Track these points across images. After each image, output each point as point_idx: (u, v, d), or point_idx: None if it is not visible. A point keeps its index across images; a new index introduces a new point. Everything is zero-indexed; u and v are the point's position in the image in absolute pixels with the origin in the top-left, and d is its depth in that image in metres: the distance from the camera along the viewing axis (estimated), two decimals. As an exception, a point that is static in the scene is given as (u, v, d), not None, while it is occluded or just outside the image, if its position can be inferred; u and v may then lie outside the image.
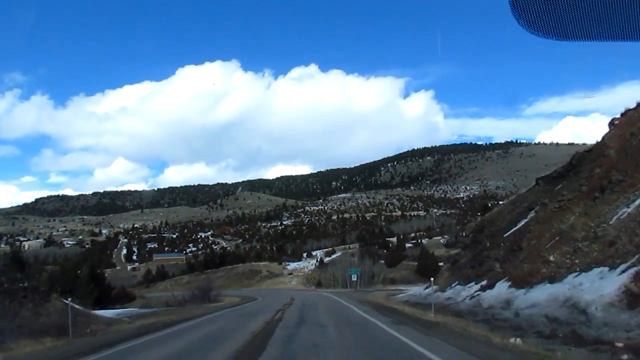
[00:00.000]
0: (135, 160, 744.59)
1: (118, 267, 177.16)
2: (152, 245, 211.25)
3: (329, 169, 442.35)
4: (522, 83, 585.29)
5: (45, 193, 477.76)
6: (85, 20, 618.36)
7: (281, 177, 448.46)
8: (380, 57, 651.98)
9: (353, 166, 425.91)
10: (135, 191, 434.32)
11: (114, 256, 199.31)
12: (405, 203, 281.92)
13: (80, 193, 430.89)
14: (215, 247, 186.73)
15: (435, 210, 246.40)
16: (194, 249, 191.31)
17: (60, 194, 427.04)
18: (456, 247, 50.47)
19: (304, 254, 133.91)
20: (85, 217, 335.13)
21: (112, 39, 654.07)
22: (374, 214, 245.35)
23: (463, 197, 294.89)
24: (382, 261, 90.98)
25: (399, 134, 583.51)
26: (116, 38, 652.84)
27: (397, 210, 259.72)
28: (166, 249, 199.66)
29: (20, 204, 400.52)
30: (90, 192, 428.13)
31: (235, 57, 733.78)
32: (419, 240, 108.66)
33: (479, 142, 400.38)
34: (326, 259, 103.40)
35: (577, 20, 3.38)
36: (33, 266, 44.62)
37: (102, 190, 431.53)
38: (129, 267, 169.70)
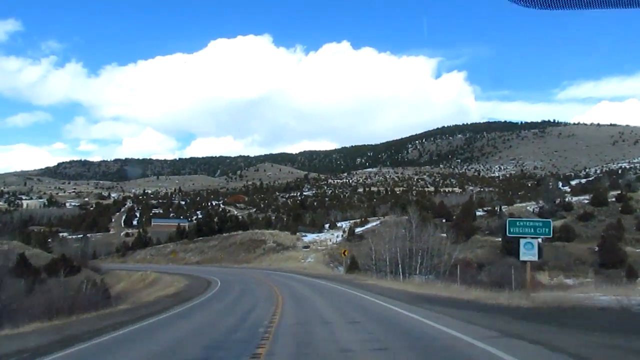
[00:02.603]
0: (164, 132, 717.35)
1: (112, 232, 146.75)
2: (158, 211, 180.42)
3: (354, 145, 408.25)
4: (555, 66, 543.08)
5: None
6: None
7: (304, 151, 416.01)
8: (414, 36, 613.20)
9: (379, 143, 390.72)
10: (157, 160, 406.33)
11: (113, 220, 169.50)
12: (437, 179, 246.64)
13: (101, 159, 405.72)
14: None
15: (472, 188, 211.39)
16: (200, 216, 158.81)
17: (83, 160, 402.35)
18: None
19: (326, 225, 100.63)
20: (101, 181, 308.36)
21: (147, 9, 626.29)
22: (403, 188, 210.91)
23: (499, 177, 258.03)
24: (444, 234, 56.95)
25: (428, 115, 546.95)
26: (151, 9, 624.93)
27: (428, 186, 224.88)
28: (171, 215, 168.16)
29: (43, 168, 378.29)
30: (112, 159, 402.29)
31: (268, 32, 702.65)
32: (496, 208, 73.69)
33: (515, 120, 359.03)
34: (358, 230, 70.34)
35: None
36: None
37: (123, 158, 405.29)
38: (122, 233, 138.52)
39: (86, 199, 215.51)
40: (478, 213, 72.23)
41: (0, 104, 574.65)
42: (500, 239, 55.99)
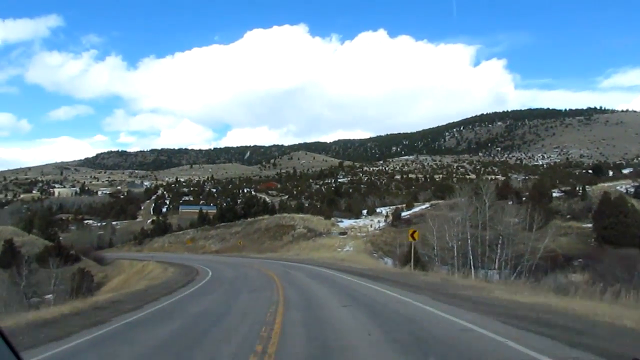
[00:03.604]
0: (201, 123, 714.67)
1: (139, 219, 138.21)
2: (188, 199, 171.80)
3: (389, 133, 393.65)
4: (599, 54, 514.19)
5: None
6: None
7: (339, 140, 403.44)
8: (451, 24, 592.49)
9: (415, 131, 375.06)
10: (192, 150, 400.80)
11: (142, 208, 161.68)
12: (478, 167, 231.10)
13: (138, 150, 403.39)
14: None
15: (515, 176, 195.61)
16: (231, 203, 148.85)
17: (120, 150, 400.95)
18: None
19: (364, 211, 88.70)
20: (136, 171, 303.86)
21: (184, 1, 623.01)
22: (443, 175, 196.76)
23: (543, 165, 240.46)
24: (514, 219, 44.21)
25: (465, 103, 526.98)
26: (188, 1, 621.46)
27: (469, 173, 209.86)
28: (201, 202, 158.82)
29: (82, 159, 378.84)
30: (149, 149, 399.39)
31: (304, 21, 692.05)
32: (577, 188, 59.93)
33: (557, 108, 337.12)
34: (404, 214, 58.28)
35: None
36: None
37: (159, 148, 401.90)
38: (149, 220, 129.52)
39: (118, 187, 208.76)
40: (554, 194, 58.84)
41: (44, 98, 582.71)
42: (590, 225, 43.10)
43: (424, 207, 61.83)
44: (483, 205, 35.72)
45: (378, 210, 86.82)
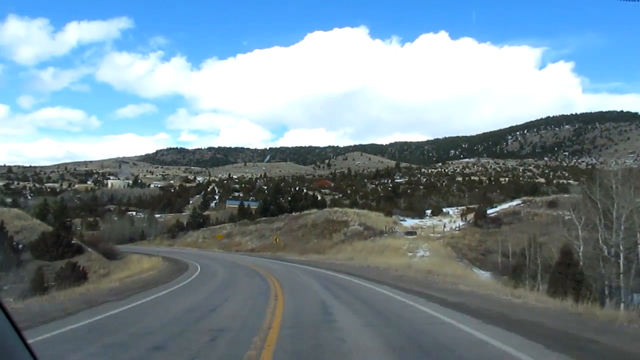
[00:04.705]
0: (259, 123, 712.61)
1: (184, 213, 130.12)
2: (238, 194, 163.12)
3: (447, 136, 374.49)
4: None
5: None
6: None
7: (395, 143, 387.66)
8: (516, 25, 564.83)
9: (475, 134, 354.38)
10: (248, 149, 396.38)
11: (191, 202, 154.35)
12: (546, 171, 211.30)
13: (196, 147, 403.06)
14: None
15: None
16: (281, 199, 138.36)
17: (179, 147, 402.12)
18: None
19: (427, 211, 75.25)
20: (192, 167, 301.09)
21: (247, 4, 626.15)
22: (509, 178, 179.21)
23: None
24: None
25: (528, 107, 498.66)
26: (250, 3, 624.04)
27: (537, 177, 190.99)
28: (251, 198, 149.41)
29: (143, 155, 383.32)
30: (206, 147, 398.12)
31: (364, 23, 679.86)
32: None
33: (633, 111, 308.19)
34: (491, 211, 45.03)
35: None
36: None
37: (216, 146, 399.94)
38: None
39: (171, 182, 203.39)
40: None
41: (112, 96, 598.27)
42: None
43: (513, 204, 48.42)
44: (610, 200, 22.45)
45: (444, 210, 73.25)
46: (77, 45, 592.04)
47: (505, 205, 49.65)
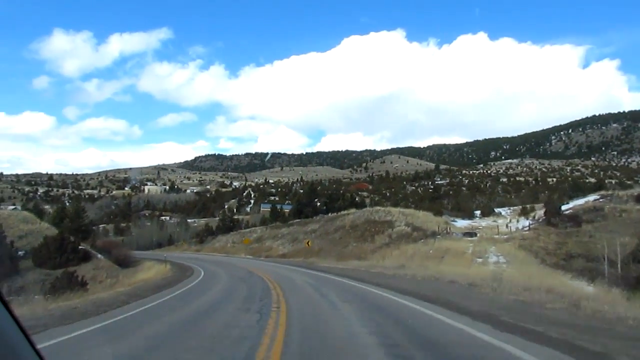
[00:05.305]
0: (296, 129, 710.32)
1: (217, 218, 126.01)
2: (274, 198, 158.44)
3: (486, 138, 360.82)
4: None
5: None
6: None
7: (433, 145, 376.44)
8: (557, 24, 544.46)
9: (516, 135, 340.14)
10: (284, 154, 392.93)
11: (226, 206, 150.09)
12: (596, 171, 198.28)
13: (234, 153, 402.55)
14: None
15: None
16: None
17: (217, 154, 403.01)
18: None
19: (476, 212, 67.75)
20: (229, 173, 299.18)
21: (283, 10, 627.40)
22: (556, 179, 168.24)
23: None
24: None
25: (572, 107, 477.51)
26: (287, 9, 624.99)
27: (587, 177, 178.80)
28: (287, 202, 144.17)
29: (182, 162, 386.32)
30: (243, 153, 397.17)
31: (401, 26, 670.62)
32: None
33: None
34: (566, 207, 37.79)
35: None
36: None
37: (253, 152, 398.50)
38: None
39: (207, 187, 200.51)
40: None
41: (153, 105, 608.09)
42: None
43: (590, 199, 41.01)
44: None
45: (498, 210, 65.63)
46: (120, 56, 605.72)
47: (580, 201, 42.12)
